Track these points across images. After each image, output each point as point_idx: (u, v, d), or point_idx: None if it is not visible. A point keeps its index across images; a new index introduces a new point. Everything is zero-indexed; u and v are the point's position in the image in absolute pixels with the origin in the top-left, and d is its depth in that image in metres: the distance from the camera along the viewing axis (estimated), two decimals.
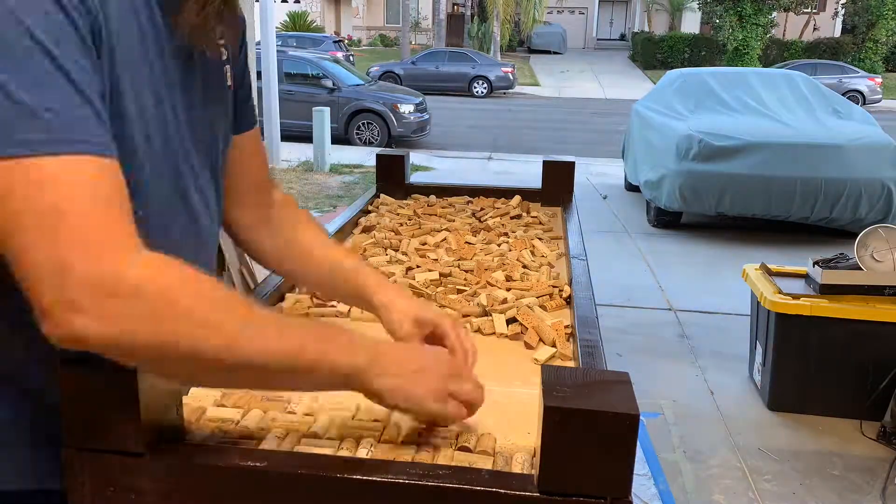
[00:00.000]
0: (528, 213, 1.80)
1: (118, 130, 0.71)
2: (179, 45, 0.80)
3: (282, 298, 1.25)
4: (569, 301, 1.25)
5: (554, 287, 1.29)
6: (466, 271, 1.36)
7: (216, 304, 0.66)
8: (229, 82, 0.93)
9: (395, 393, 0.74)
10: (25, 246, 0.60)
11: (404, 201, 1.87)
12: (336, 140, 9.75)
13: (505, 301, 1.21)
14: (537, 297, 1.24)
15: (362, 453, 0.75)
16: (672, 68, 11.14)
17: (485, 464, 0.74)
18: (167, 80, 0.79)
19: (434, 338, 0.93)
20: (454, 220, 1.70)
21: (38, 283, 0.60)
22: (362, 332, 0.77)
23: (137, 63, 0.74)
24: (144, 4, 0.75)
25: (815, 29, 28.96)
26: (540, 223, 1.74)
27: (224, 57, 0.91)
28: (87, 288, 0.60)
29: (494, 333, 1.14)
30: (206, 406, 0.84)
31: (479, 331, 1.15)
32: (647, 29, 33.47)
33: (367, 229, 1.65)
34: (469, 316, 1.19)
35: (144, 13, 0.75)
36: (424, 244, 1.52)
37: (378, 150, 1.91)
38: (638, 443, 0.68)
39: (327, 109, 8.83)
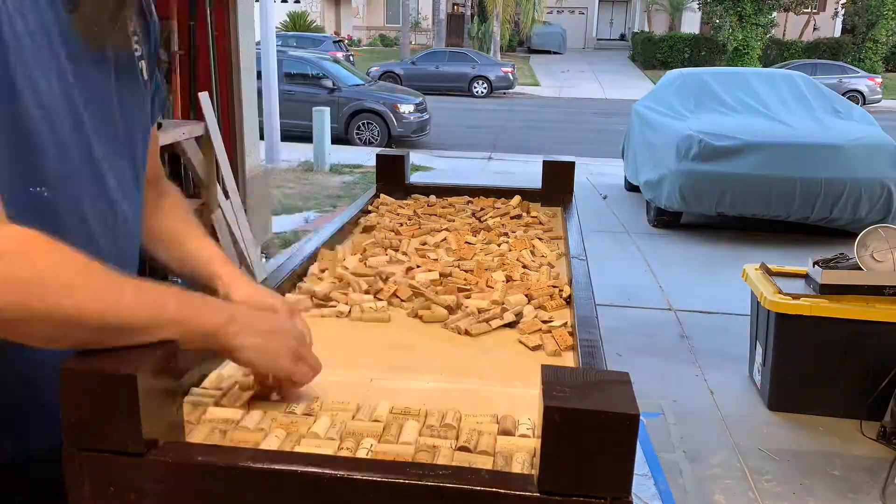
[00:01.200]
0: (528, 213, 1.80)
1: (11, 118, 0.74)
2: (83, 40, 0.82)
3: None
4: (569, 301, 1.25)
5: (554, 287, 1.29)
6: (466, 271, 1.36)
7: (75, 270, 0.70)
8: (145, 77, 0.96)
9: (251, 350, 0.80)
10: None
11: (404, 201, 1.87)
12: (336, 140, 9.75)
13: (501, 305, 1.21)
14: (538, 298, 1.24)
15: (362, 453, 0.75)
16: (672, 68, 11.14)
17: (485, 464, 0.74)
18: (74, 73, 0.82)
19: None
20: (454, 220, 1.70)
21: None
22: (217, 298, 0.83)
23: (37, 57, 0.77)
24: (48, 3, 0.78)
25: (815, 29, 28.97)
26: (540, 223, 1.73)
27: (138, 53, 0.94)
28: None
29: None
30: (206, 406, 0.84)
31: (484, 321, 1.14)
32: (647, 29, 33.47)
33: (367, 229, 1.65)
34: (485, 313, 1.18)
35: (49, 11, 0.78)
36: (424, 244, 1.52)
37: (378, 150, 1.92)
38: (638, 443, 0.68)
39: (327, 109, 8.83)
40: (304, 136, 9.35)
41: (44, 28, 0.78)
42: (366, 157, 9.31)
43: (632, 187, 7.38)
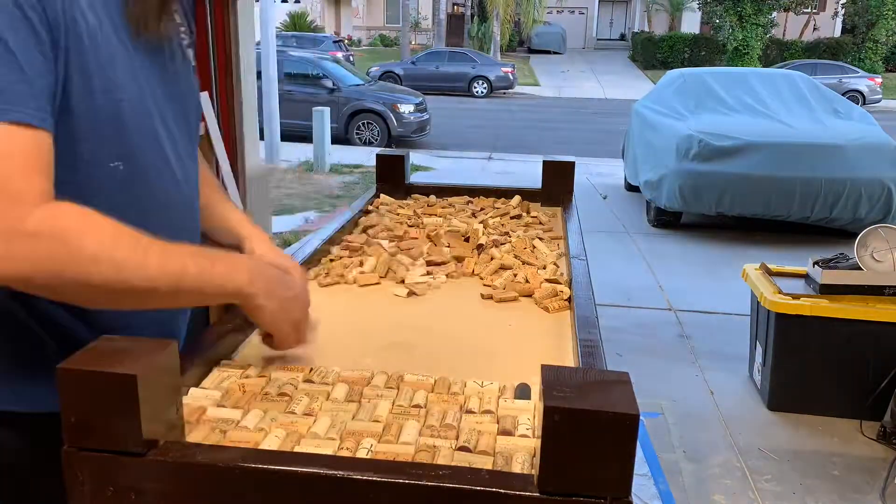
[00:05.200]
0: (528, 213, 1.80)
1: (96, 99, 0.83)
2: (135, 30, 0.90)
3: None
4: (569, 301, 1.25)
5: (554, 282, 1.29)
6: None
7: (105, 239, 0.77)
8: (193, 62, 1.05)
9: (268, 312, 0.89)
10: None
11: (404, 201, 1.87)
12: (336, 140, 9.75)
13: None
14: (538, 298, 1.24)
15: (362, 453, 0.76)
16: (672, 68, 11.14)
17: (485, 464, 0.74)
18: (138, 59, 0.90)
19: None
20: (454, 220, 1.70)
21: None
22: (241, 255, 0.94)
23: (109, 45, 0.85)
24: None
25: (815, 29, 28.97)
26: (540, 223, 1.73)
27: (185, 41, 1.02)
28: None
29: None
30: (206, 406, 0.85)
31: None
32: (647, 29, 33.47)
33: (367, 229, 1.65)
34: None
35: (112, 5, 0.86)
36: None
37: (378, 150, 1.91)
38: (638, 443, 0.68)
39: (327, 109, 8.83)
40: (304, 136, 9.35)
41: (109, 20, 0.86)
42: (366, 157, 9.31)
43: (632, 187, 7.37)
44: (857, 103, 15.14)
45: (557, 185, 1.94)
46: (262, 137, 6.73)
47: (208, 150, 3.88)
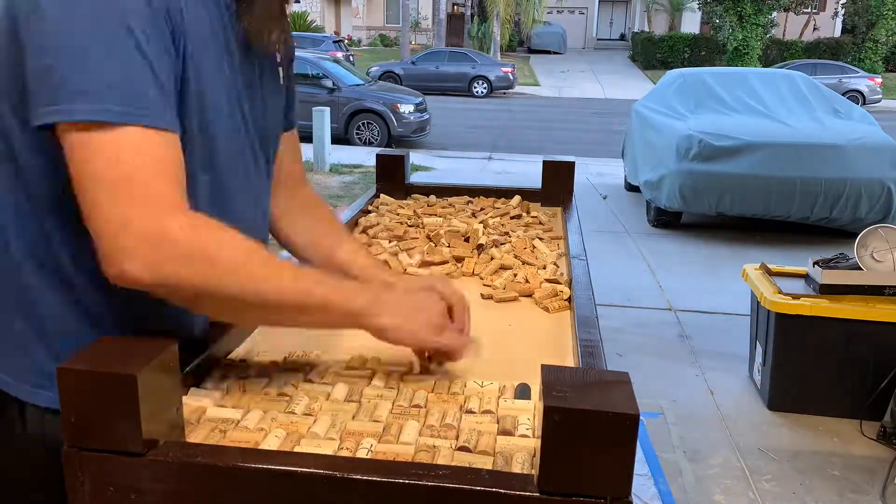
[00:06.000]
0: (528, 213, 1.80)
1: (197, 109, 0.84)
2: (242, 40, 0.90)
3: None
4: (569, 301, 1.25)
5: (554, 282, 1.29)
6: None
7: (241, 253, 0.79)
8: (282, 81, 1.04)
9: (396, 330, 0.87)
10: (99, 202, 0.73)
11: (404, 201, 1.87)
12: (336, 140, 9.74)
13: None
14: (538, 298, 1.24)
15: (362, 453, 0.76)
16: (672, 68, 11.14)
17: (485, 464, 0.74)
18: (233, 68, 0.89)
19: None
20: (454, 220, 1.70)
21: (104, 233, 0.74)
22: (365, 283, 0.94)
23: (207, 53, 0.84)
24: (214, 4, 0.85)
25: (815, 29, 28.97)
26: (540, 223, 1.73)
27: (278, 59, 1.02)
28: (139, 240, 0.73)
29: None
30: (206, 406, 0.85)
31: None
32: (647, 29, 33.47)
33: (367, 229, 1.65)
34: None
35: (214, 11, 0.85)
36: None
37: (378, 150, 1.92)
38: (638, 443, 0.68)
39: (327, 109, 8.82)
40: (304, 136, 9.31)
41: (216, 29, 0.86)
42: (366, 157, 9.31)
43: (632, 187, 7.37)
44: (857, 103, 15.15)
45: (557, 185, 1.94)
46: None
47: None
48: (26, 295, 0.86)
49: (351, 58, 20.88)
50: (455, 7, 33.77)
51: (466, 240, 1.52)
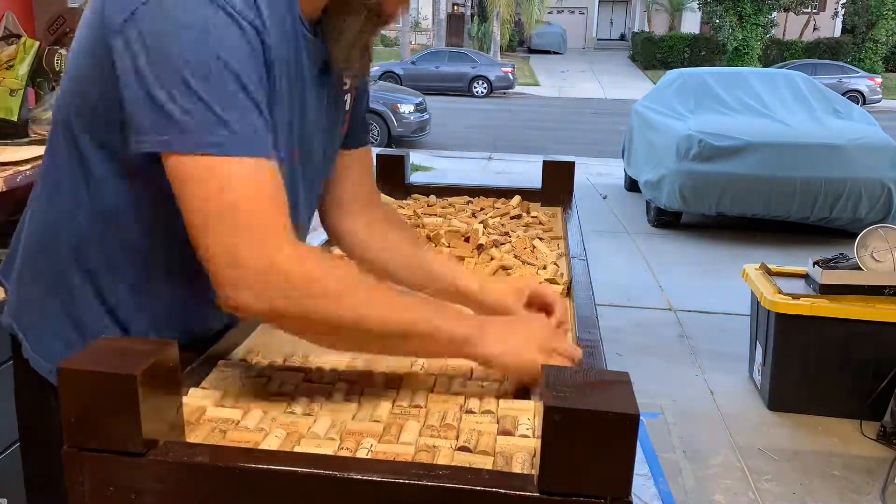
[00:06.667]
0: (528, 213, 1.80)
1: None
2: (317, 67, 0.93)
3: None
4: (568, 290, 1.25)
5: (555, 287, 1.29)
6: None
7: (347, 284, 0.81)
8: (347, 107, 1.07)
9: (501, 358, 0.87)
10: (208, 231, 0.76)
11: (404, 201, 1.87)
12: None
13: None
14: None
15: (362, 453, 0.76)
16: (672, 68, 11.14)
17: (485, 464, 0.74)
18: (299, 93, 0.91)
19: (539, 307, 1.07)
20: (454, 220, 1.70)
21: (215, 262, 0.76)
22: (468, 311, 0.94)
23: (285, 81, 0.87)
24: (293, 32, 0.87)
25: (815, 29, 28.97)
26: (540, 223, 1.74)
27: (346, 86, 1.04)
28: (249, 270, 0.76)
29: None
30: (206, 406, 0.85)
31: None
32: (647, 29, 33.46)
33: None
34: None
35: (293, 38, 0.87)
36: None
37: (378, 150, 1.91)
38: (638, 443, 0.68)
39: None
40: None
41: (294, 54, 0.87)
42: None
43: (632, 187, 7.37)
44: (857, 103, 15.13)
45: (557, 185, 1.94)
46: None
47: None
48: (69, 291, 0.92)
49: None
50: (455, 7, 33.76)
51: (466, 240, 1.52)
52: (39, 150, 1.75)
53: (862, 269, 2.96)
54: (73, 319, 0.93)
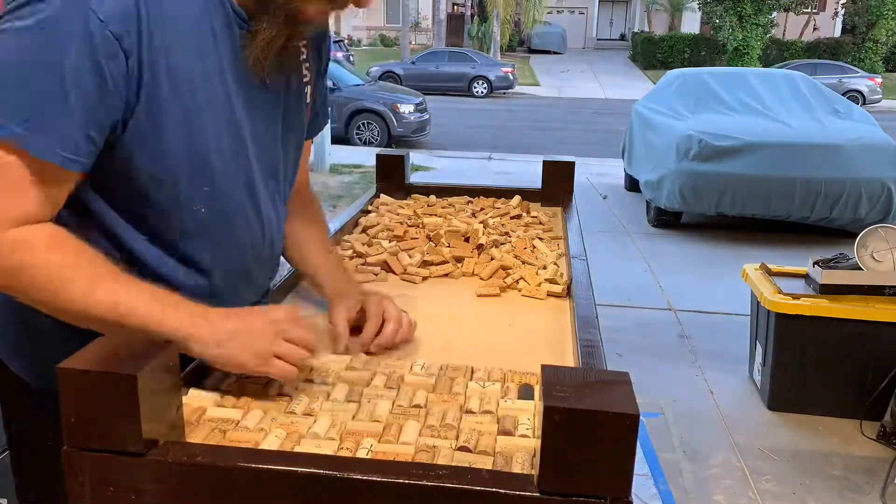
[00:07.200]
0: (528, 213, 1.80)
1: (190, 151, 0.90)
2: (254, 73, 0.95)
3: None
4: (567, 292, 1.25)
5: (554, 287, 1.29)
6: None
7: (70, 267, 0.84)
8: (308, 100, 1.09)
9: (216, 361, 0.87)
10: None
11: (404, 201, 1.87)
12: (336, 140, 9.74)
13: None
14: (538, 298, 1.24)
15: (362, 453, 0.76)
16: (672, 68, 11.13)
17: (485, 464, 0.74)
18: (244, 103, 0.94)
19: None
20: (454, 220, 1.70)
21: None
22: (192, 303, 0.88)
23: (210, 96, 0.90)
24: (227, 43, 0.91)
25: (815, 29, 28.96)
26: (540, 223, 1.74)
27: (306, 78, 1.06)
28: None
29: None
30: (206, 406, 0.85)
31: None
32: (647, 29, 33.46)
33: (367, 229, 1.65)
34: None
35: (227, 50, 0.91)
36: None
37: (378, 150, 1.91)
38: (638, 443, 0.68)
39: (327, 109, 8.82)
40: None
41: (220, 68, 0.91)
42: (366, 157, 9.30)
43: (632, 187, 7.37)
44: (857, 103, 15.13)
45: (557, 185, 1.94)
46: None
47: None
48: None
49: (351, 58, 20.88)
50: (455, 7, 33.76)
51: (466, 240, 1.52)
52: None
53: (862, 269, 2.96)
54: (25, 324, 0.99)
